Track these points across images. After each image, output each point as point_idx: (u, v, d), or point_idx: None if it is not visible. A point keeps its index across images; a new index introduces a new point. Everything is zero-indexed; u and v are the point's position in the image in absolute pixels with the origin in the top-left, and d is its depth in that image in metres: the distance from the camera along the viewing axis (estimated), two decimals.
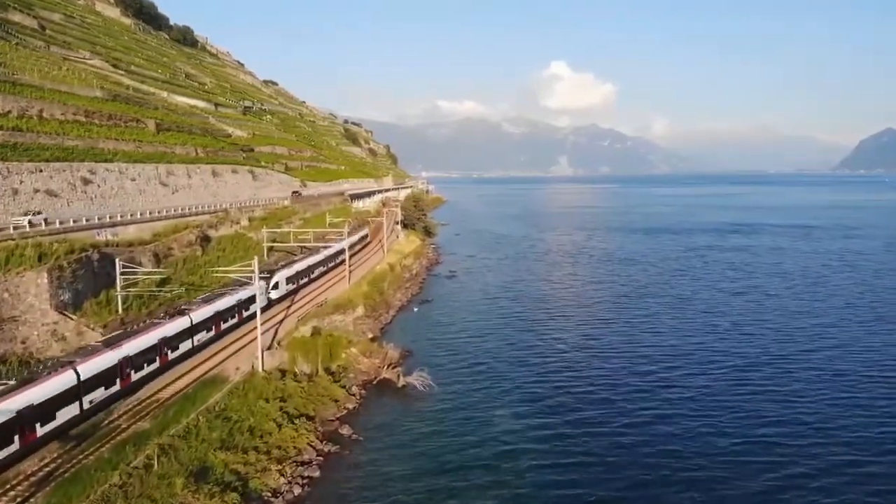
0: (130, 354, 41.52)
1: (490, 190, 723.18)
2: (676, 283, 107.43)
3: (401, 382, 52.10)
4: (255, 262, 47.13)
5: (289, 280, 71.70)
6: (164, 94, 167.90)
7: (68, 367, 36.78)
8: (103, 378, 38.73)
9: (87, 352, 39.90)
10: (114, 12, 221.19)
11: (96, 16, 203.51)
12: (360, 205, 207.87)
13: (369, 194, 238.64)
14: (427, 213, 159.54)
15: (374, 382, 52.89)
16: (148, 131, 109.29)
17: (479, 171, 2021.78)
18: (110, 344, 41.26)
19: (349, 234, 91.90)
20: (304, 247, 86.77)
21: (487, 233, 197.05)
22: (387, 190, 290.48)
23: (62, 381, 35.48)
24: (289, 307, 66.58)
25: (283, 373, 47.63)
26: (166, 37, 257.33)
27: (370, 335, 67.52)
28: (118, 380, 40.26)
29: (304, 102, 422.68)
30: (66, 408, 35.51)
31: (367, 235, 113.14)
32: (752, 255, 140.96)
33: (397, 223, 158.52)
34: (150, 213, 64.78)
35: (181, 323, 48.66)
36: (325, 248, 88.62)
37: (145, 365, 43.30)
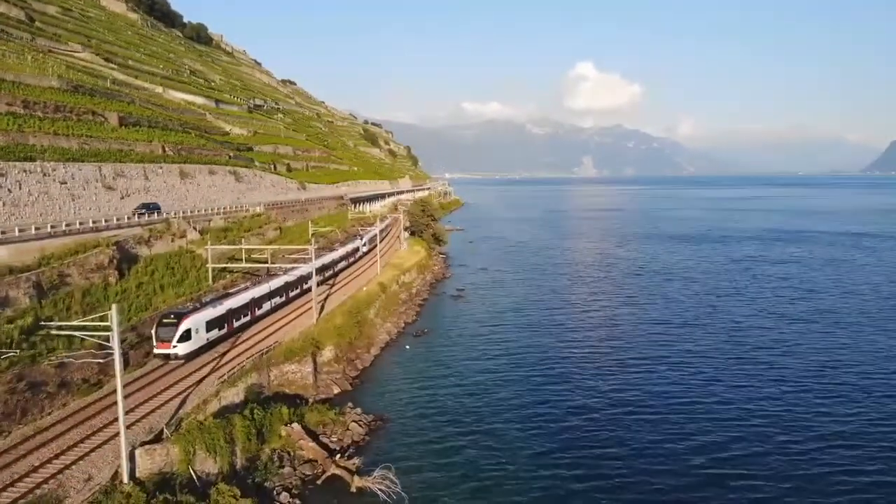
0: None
1: (513, 191, 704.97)
2: (725, 305, 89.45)
3: (355, 485, 35.16)
4: (114, 310, 30.10)
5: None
6: (160, 89, 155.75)
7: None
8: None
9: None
10: (120, 7, 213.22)
11: (100, 10, 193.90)
12: (368, 209, 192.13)
13: (380, 197, 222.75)
14: (437, 219, 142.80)
15: (320, 481, 36.14)
16: (107, 126, 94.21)
17: (502, 172, 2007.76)
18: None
19: (324, 249, 75.64)
20: (276, 267, 70.08)
21: (505, 240, 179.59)
22: (400, 192, 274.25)
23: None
24: (225, 352, 49.76)
25: (167, 481, 31.12)
26: (179, 34, 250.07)
27: (336, 390, 50.88)
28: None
29: (322, 102, 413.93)
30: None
31: (356, 250, 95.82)
32: (806, 269, 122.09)
33: (403, 230, 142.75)
34: (35, 229, 48.65)
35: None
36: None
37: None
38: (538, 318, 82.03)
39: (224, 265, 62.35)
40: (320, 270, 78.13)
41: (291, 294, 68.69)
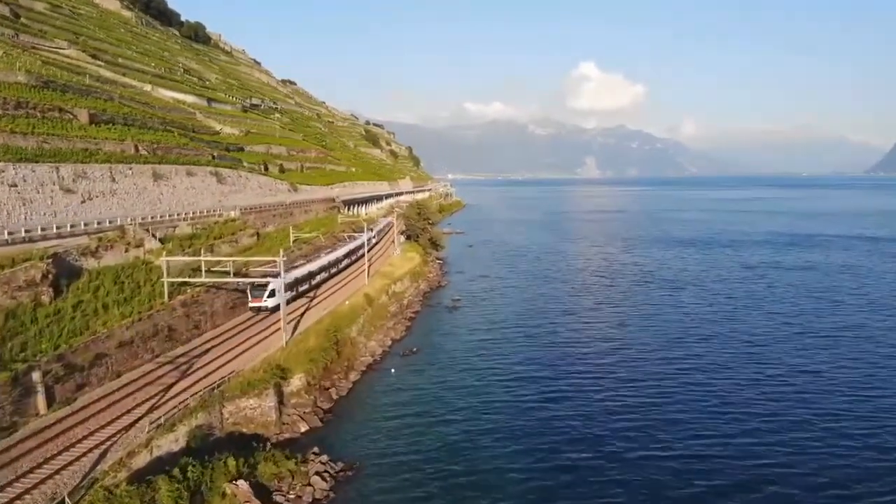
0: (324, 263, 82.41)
1: (515, 192, 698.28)
2: (742, 319, 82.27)
3: None
4: None
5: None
6: (148, 87, 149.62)
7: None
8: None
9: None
10: (114, 5, 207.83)
11: (92, 7, 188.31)
12: (363, 212, 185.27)
13: (377, 199, 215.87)
14: (434, 222, 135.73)
15: None
16: (75, 124, 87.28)
17: (505, 172, 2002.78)
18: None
19: (299, 259, 68.64)
20: (241, 281, 62.38)
21: (506, 244, 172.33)
22: (399, 194, 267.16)
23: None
24: (171, 385, 42.69)
25: None
26: (176, 33, 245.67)
27: (303, 428, 43.76)
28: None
29: (323, 102, 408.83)
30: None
31: (334, 263, 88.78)
32: (825, 277, 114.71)
33: (399, 234, 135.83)
34: None
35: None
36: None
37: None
38: (540, 332, 74.83)
39: (185, 279, 54.95)
40: (299, 281, 72.71)
41: (334, 271, 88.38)
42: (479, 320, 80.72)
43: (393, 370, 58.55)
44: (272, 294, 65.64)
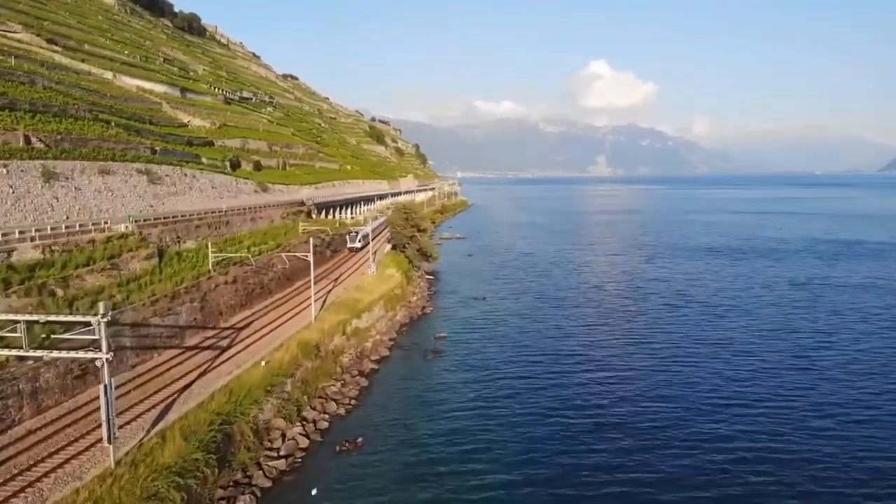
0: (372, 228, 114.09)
1: (524, 191, 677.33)
2: (818, 362, 61.08)
3: None
4: None
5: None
6: (109, 74, 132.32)
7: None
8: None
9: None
10: None
11: None
12: (348, 216, 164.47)
13: (366, 200, 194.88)
14: (424, 229, 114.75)
15: None
16: None
17: (515, 171, 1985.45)
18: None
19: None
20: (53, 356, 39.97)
21: (510, 252, 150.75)
22: (397, 194, 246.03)
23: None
24: None
25: None
26: (167, 24, 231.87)
27: None
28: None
29: (326, 98, 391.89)
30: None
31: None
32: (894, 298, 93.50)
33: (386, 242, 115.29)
34: None
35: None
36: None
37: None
38: (548, 395, 53.11)
39: None
40: None
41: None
42: (466, 373, 58.90)
43: (315, 490, 35.98)
44: (360, 240, 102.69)
